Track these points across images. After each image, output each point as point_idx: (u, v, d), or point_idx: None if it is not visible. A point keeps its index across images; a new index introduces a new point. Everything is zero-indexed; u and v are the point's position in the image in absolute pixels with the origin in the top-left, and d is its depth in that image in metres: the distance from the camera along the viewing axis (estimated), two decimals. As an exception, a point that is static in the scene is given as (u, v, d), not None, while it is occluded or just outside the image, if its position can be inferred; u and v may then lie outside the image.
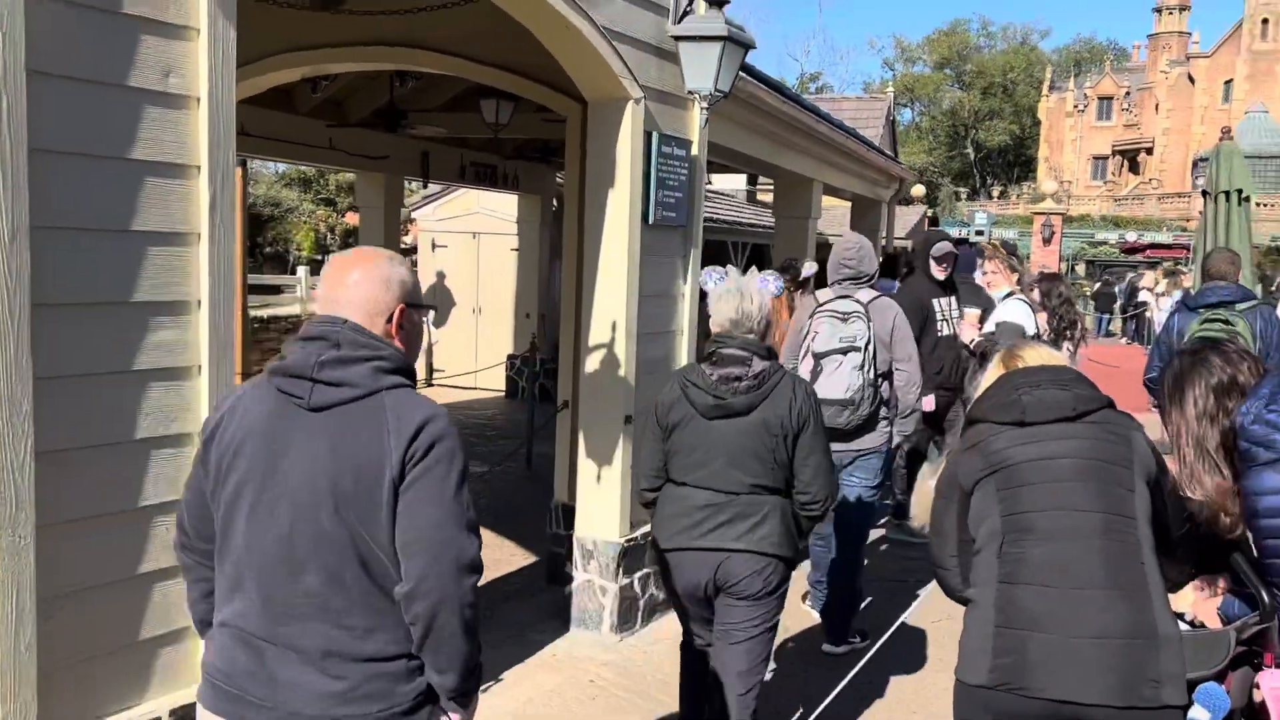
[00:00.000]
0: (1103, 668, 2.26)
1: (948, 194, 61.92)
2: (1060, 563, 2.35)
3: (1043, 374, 2.60)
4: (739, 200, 20.78)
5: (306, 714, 1.94)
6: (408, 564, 1.92)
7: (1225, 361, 2.55)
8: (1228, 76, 55.49)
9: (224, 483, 2.03)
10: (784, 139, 7.72)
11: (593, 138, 5.01)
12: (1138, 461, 2.45)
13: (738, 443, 3.29)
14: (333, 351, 1.99)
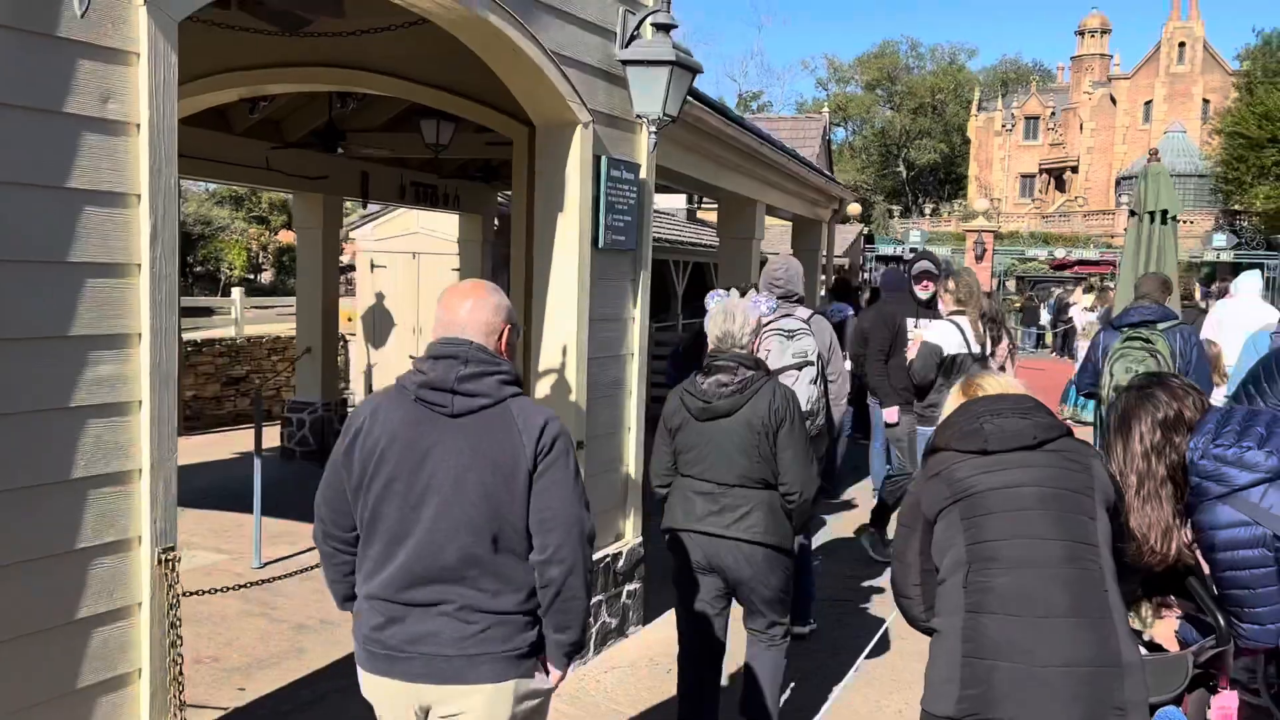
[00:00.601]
0: (1069, 696, 2.27)
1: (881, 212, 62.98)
2: (1025, 592, 2.36)
3: (1004, 402, 2.62)
4: (680, 219, 20.86)
5: (447, 654, 2.39)
6: (543, 537, 2.41)
7: (1171, 396, 2.60)
8: (1147, 98, 57.41)
9: (372, 479, 2.46)
10: (727, 160, 7.76)
11: (541, 161, 4.97)
12: (1098, 489, 2.47)
13: (726, 440, 3.75)
14: (465, 368, 2.43)
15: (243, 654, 5.12)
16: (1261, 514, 2.36)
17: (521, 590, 2.42)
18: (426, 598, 2.40)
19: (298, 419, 9.85)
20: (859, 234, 26.86)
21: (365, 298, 13.41)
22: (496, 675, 2.39)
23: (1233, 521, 2.40)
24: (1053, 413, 2.63)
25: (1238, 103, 40.95)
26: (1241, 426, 2.46)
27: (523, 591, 2.42)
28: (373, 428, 2.48)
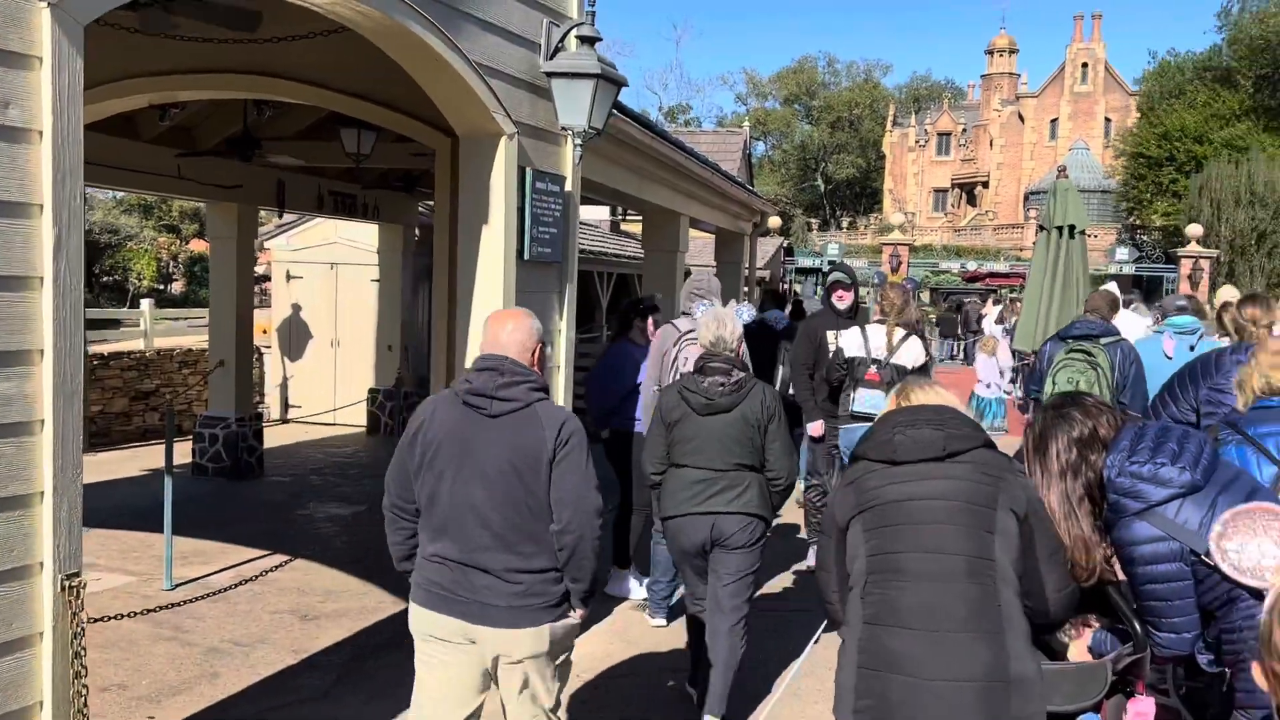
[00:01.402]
0: (959, 710, 2.29)
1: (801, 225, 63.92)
2: (922, 605, 2.38)
3: (922, 413, 2.64)
4: (603, 230, 20.87)
5: (497, 605, 3.04)
6: (559, 511, 3.04)
7: (1085, 415, 2.63)
8: (1053, 115, 59.43)
9: (431, 465, 3.08)
10: (652, 174, 7.78)
11: (465, 173, 4.90)
12: (1005, 503, 2.48)
13: (725, 432, 4.31)
14: (503, 378, 3.08)
15: (153, 681, 4.93)
16: (1176, 529, 2.40)
17: (551, 552, 3.09)
18: (478, 561, 3.05)
19: (210, 434, 9.56)
20: (779, 247, 27.18)
21: (281, 309, 13.10)
22: (536, 621, 3.07)
23: (1150, 537, 2.43)
24: (976, 425, 2.65)
25: (1139, 123, 42.62)
26: (1155, 443, 2.49)
27: (552, 553, 3.09)
28: (431, 423, 3.13)
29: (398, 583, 6.29)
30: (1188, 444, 2.50)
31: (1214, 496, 2.42)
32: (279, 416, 12.98)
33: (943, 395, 2.75)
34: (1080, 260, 10.53)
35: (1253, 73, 37.04)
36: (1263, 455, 3.11)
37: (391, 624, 5.80)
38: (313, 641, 5.48)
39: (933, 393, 2.75)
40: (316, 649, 5.39)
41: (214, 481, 9.42)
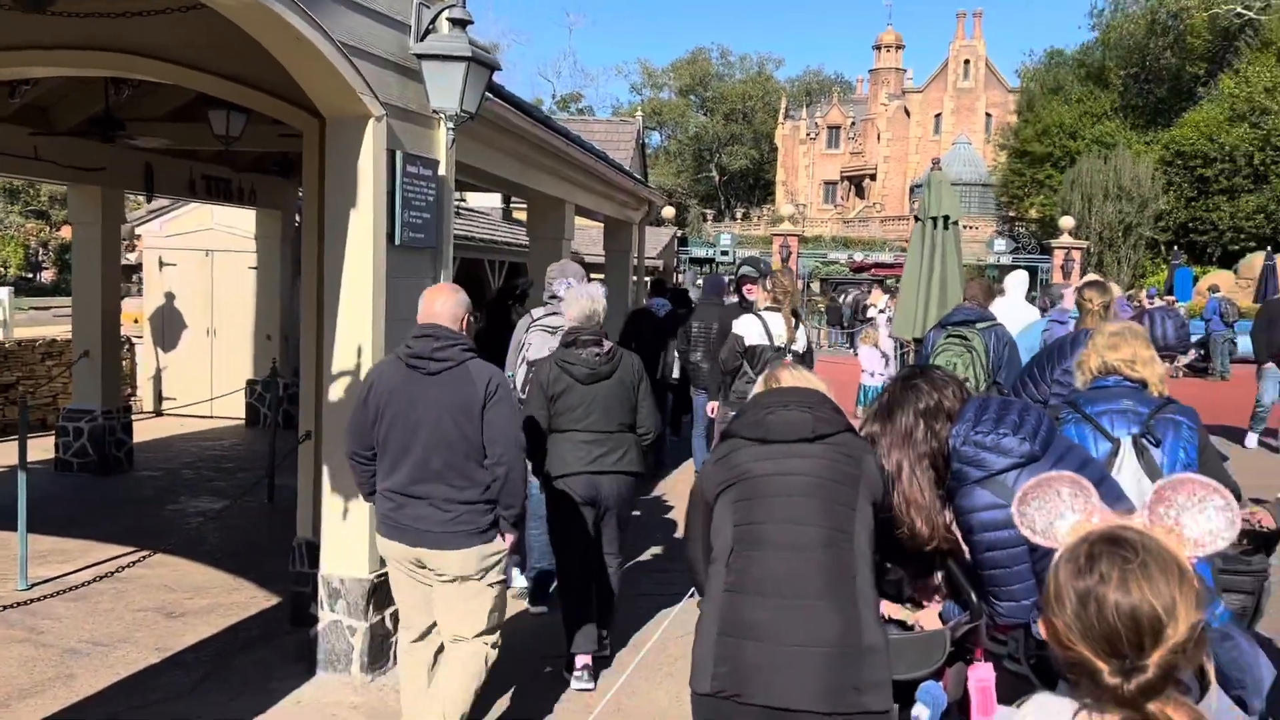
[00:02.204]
0: (811, 674, 2.37)
1: (695, 215, 64.51)
2: (781, 574, 2.46)
3: (792, 396, 2.72)
4: (495, 218, 20.65)
5: (433, 530, 3.67)
6: (492, 448, 3.67)
7: (932, 387, 2.74)
8: (937, 110, 61.23)
9: (382, 417, 3.72)
10: (534, 160, 7.73)
11: (332, 155, 4.79)
12: (864, 483, 2.59)
13: (608, 396, 4.79)
14: (437, 343, 3.69)
15: (3, 684, 4.70)
16: (1015, 497, 2.50)
17: (480, 487, 3.69)
18: (420, 492, 3.68)
19: (75, 428, 9.13)
20: (673, 237, 27.37)
21: (154, 298, 12.61)
22: (466, 544, 3.69)
23: (989, 504, 2.53)
24: (839, 409, 2.74)
25: (1019, 120, 44.22)
26: (997, 415, 2.60)
27: (480, 487, 3.69)
28: (380, 383, 3.76)
29: (270, 577, 6.18)
30: (1028, 417, 2.62)
31: (1050, 466, 2.53)
32: (152, 409, 12.49)
33: (810, 379, 2.84)
34: (955, 250, 10.85)
35: (1122, 71, 38.81)
36: (1099, 432, 3.28)
37: (262, 619, 5.65)
38: (178, 639, 5.31)
39: (801, 376, 2.84)
40: (182, 646, 5.21)
41: (79, 477, 9.02)
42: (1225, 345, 18.72)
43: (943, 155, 54.69)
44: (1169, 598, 1.29)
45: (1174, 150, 32.64)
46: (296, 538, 5.43)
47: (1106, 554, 1.34)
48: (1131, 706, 1.29)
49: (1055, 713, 1.37)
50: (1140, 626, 1.28)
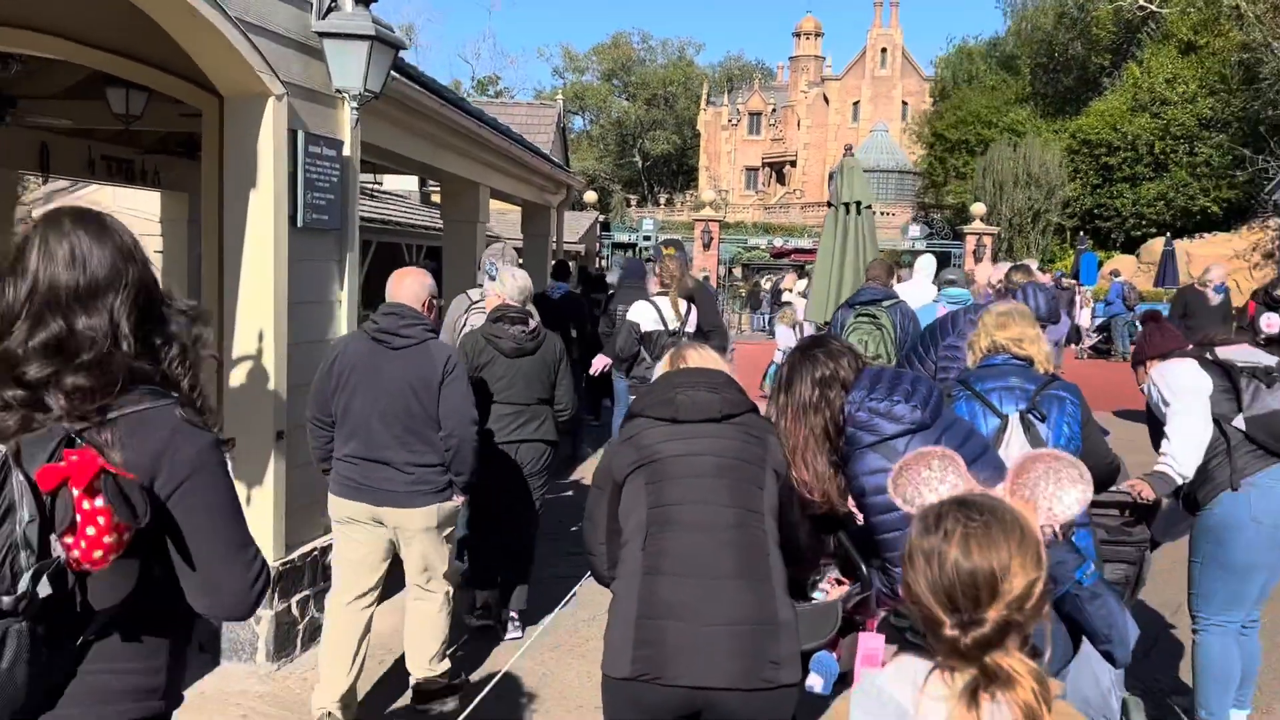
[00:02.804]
0: (731, 653, 2.41)
1: (619, 200, 64.45)
2: (697, 554, 2.49)
3: (699, 376, 2.75)
4: (413, 201, 20.37)
5: (396, 491, 4.02)
6: (446, 422, 4.01)
7: (828, 357, 2.81)
8: (855, 98, 62.12)
9: (344, 387, 4.02)
10: (447, 142, 7.65)
11: (231, 135, 4.68)
12: (770, 461, 2.65)
13: (530, 371, 5.14)
14: (402, 321, 4.02)
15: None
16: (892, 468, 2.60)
17: (437, 452, 4.04)
18: (383, 457, 4.01)
19: (-33, 418, 8.76)
20: (595, 221, 27.33)
21: (53, 283, 12.13)
22: (427, 503, 4.06)
23: (880, 468, 2.61)
24: (742, 389, 2.79)
25: (937, 107, 45.09)
26: (890, 384, 2.71)
27: (437, 453, 4.04)
28: (345, 355, 4.06)
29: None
30: (919, 387, 2.74)
31: (939, 435, 2.65)
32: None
33: (715, 360, 2.88)
34: (868, 235, 11.07)
35: (1032, 61, 39.82)
36: (988, 408, 3.40)
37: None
38: (76, 632, 5.15)
39: (706, 357, 2.87)
40: (80, 640, 5.06)
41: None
42: (1126, 328, 19.41)
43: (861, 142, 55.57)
44: (1006, 557, 1.35)
45: (1080, 139, 33.61)
46: (200, 526, 5.32)
47: (952, 515, 1.41)
48: (970, 659, 1.35)
49: (913, 671, 1.43)
50: (977, 583, 1.35)
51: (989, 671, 1.34)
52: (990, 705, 1.34)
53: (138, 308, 1.71)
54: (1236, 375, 3.92)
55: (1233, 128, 29.73)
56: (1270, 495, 3.76)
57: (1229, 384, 3.92)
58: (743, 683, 2.41)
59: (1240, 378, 3.91)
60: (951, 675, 1.37)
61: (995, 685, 1.34)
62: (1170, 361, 4.08)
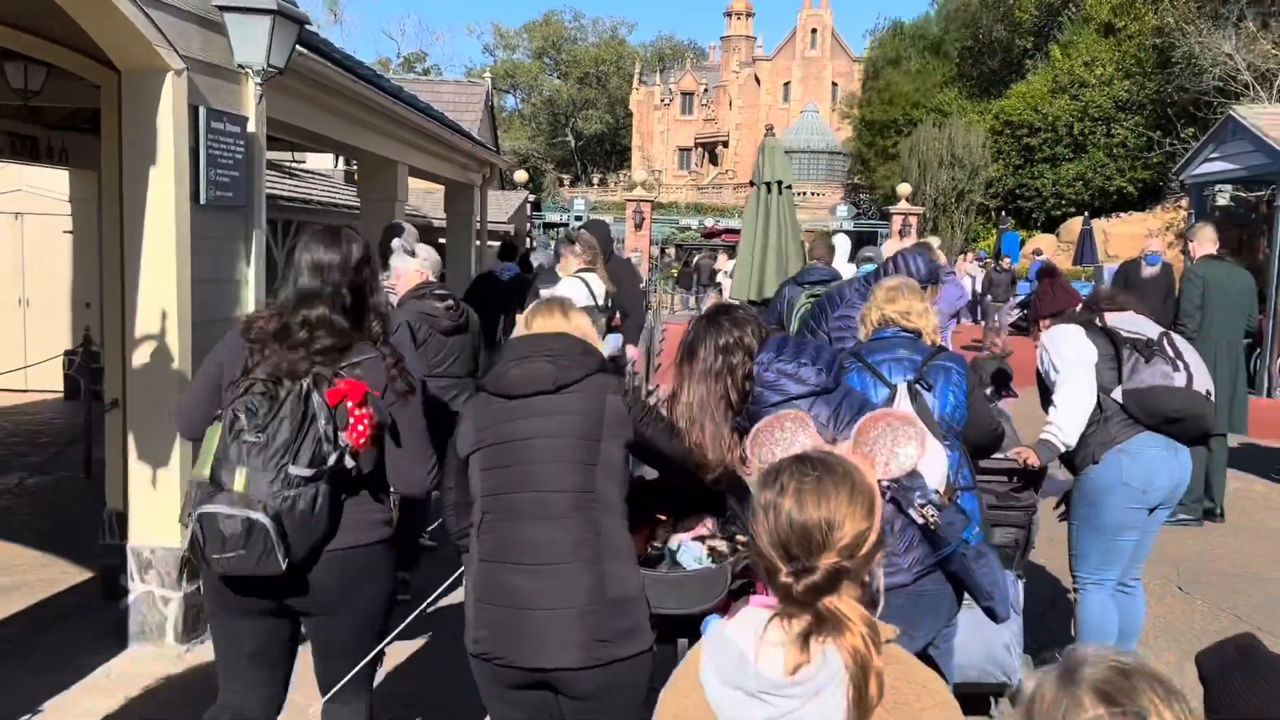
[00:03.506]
0: (560, 638, 2.44)
1: (552, 180, 64.10)
2: (530, 542, 2.50)
3: (539, 344, 2.66)
4: (335, 180, 20.03)
5: None
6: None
7: (734, 324, 2.88)
8: (786, 79, 62.53)
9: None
10: (362, 119, 7.56)
11: (129, 111, 4.58)
12: (608, 426, 2.57)
13: (462, 347, 5.36)
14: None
15: None
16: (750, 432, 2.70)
17: None
18: None
19: None
20: (524, 201, 27.17)
21: (-46, 265, 11.76)
22: None
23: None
24: (589, 350, 2.68)
25: (865, 89, 45.57)
26: (796, 349, 2.82)
27: None
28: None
29: (82, 552, 5.94)
30: (822, 353, 2.86)
31: (840, 400, 2.78)
32: (-43, 383, 11.69)
33: (561, 321, 2.78)
34: (790, 213, 11.21)
35: (959, 43, 40.47)
36: (878, 379, 3.50)
37: (73, 594, 5.44)
38: (-22, 618, 5.06)
39: (556, 318, 2.79)
40: (-18, 625, 4.97)
41: None
42: (1045, 305, 19.95)
43: (792, 124, 56.00)
44: (836, 509, 1.44)
45: (1003, 120, 34.32)
46: (106, 509, 5.25)
47: (788, 470, 1.49)
48: (803, 604, 1.43)
49: (755, 619, 1.50)
50: (808, 533, 1.43)
51: (821, 617, 1.41)
52: (821, 650, 1.42)
53: (354, 297, 2.78)
54: (1120, 345, 4.07)
55: (1147, 110, 30.61)
56: (1139, 460, 3.94)
57: (1113, 352, 4.07)
58: (573, 663, 2.44)
59: (1123, 348, 4.06)
60: (788, 622, 1.45)
61: (827, 630, 1.42)
62: (1060, 328, 4.23)
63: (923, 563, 2.87)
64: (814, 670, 1.42)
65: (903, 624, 2.87)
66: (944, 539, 2.85)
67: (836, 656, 1.42)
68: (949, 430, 3.31)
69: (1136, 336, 4.10)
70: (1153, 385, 3.96)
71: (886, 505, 2.78)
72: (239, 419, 2.57)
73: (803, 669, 1.42)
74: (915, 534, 2.85)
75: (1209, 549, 6.59)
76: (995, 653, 3.91)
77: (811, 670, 1.42)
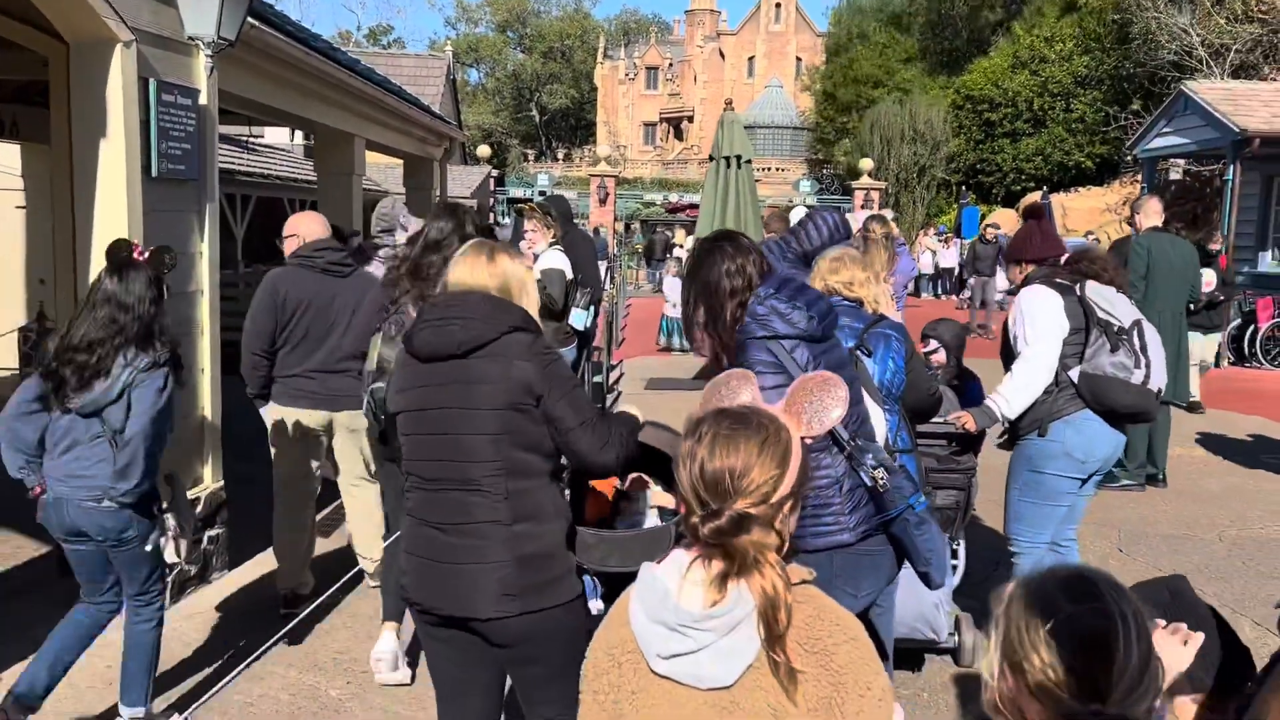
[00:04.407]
0: (473, 589, 2.53)
1: (516, 155, 63.72)
2: (446, 505, 2.57)
3: (454, 303, 2.59)
4: (296, 155, 19.85)
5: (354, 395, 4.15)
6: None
7: (736, 251, 2.96)
8: (751, 54, 62.45)
9: (298, 314, 4.69)
10: (317, 93, 7.53)
11: (78, 83, 4.57)
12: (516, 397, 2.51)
13: None
14: (340, 254, 4.89)
15: None
16: (789, 361, 2.82)
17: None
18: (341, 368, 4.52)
19: None
20: (487, 175, 27.07)
21: (-98, 241, 11.54)
22: (353, 407, 4.38)
23: (762, 360, 2.82)
24: (505, 306, 2.59)
25: (829, 65, 45.62)
26: (795, 291, 2.93)
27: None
28: (293, 288, 4.69)
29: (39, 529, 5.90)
30: (820, 303, 2.96)
31: (822, 353, 2.90)
32: (-90, 362, 11.52)
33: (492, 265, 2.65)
34: (748, 187, 11.30)
35: (922, 19, 40.61)
36: (823, 347, 3.60)
37: (30, 568, 5.45)
38: (-67, 594, 5.05)
39: (480, 263, 2.65)
40: (-63, 601, 4.97)
41: None
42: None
43: (756, 99, 55.99)
44: (745, 458, 1.53)
45: (965, 95, 34.58)
46: (62, 483, 5.24)
47: (708, 422, 1.59)
48: (709, 544, 1.53)
49: (681, 560, 1.60)
50: (718, 480, 1.53)
51: (732, 558, 1.51)
52: (736, 588, 1.52)
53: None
54: (1091, 323, 4.04)
55: (1105, 85, 30.96)
56: (1083, 432, 4.02)
57: (1083, 328, 4.05)
58: (482, 615, 2.53)
59: (1093, 329, 4.03)
60: (709, 563, 1.55)
61: (741, 571, 1.51)
62: (1040, 293, 4.12)
63: (868, 523, 2.98)
64: (728, 606, 1.52)
65: (846, 583, 3.02)
66: (891, 502, 2.96)
67: (749, 595, 1.51)
68: (888, 395, 3.42)
69: (1110, 319, 4.05)
70: (1110, 376, 3.96)
71: (839, 464, 2.90)
72: (391, 329, 3.66)
73: (718, 605, 1.52)
74: (863, 495, 2.96)
75: (1150, 513, 6.79)
76: (925, 611, 4.05)
77: (726, 606, 1.52)
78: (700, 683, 1.54)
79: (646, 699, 1.58)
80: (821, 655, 1.51)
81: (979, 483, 4.44)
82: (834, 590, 2.91)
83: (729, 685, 1.52)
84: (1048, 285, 4.15)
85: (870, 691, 1.51)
